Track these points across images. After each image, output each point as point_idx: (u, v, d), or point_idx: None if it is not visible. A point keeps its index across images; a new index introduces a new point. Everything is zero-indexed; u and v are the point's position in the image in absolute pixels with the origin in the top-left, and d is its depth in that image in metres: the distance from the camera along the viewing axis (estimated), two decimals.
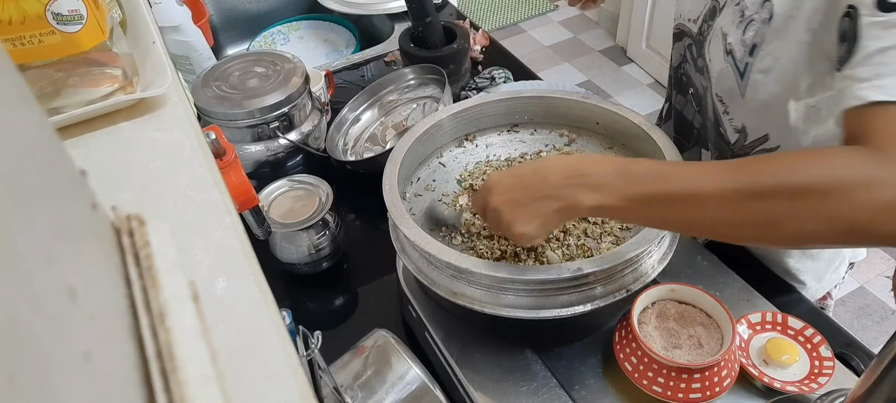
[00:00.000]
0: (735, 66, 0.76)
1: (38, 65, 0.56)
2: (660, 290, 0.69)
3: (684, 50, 0.88)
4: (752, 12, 0.72)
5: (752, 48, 0.73)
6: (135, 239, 0.29)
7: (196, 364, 0.25)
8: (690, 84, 0.89)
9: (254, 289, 0.39)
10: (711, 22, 0.80)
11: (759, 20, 0.71)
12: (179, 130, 0.51)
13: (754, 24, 0.72)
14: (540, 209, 0.59)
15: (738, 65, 0.75)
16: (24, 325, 0.17)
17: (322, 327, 0.61)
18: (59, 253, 0.21)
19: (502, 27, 3.40)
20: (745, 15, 0.73)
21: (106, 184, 0.46)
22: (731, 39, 0.75)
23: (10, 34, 0.54)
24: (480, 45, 1.40)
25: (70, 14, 0.55)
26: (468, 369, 0.69)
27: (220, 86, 1.03)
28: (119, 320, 0.25)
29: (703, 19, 0.82)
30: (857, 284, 2.05)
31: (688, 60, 0.88)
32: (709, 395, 0.63)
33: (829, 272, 0.93)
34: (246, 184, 0.70)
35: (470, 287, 0.65)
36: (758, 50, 0.72)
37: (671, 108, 0.98)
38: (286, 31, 1.56)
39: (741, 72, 0.75)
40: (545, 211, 0.58)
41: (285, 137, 1.04)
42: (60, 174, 0.25)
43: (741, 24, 0.73)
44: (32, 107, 0.23)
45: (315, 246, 0.90)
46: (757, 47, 0.72)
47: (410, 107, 1.16)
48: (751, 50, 0.73)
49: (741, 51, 0.74)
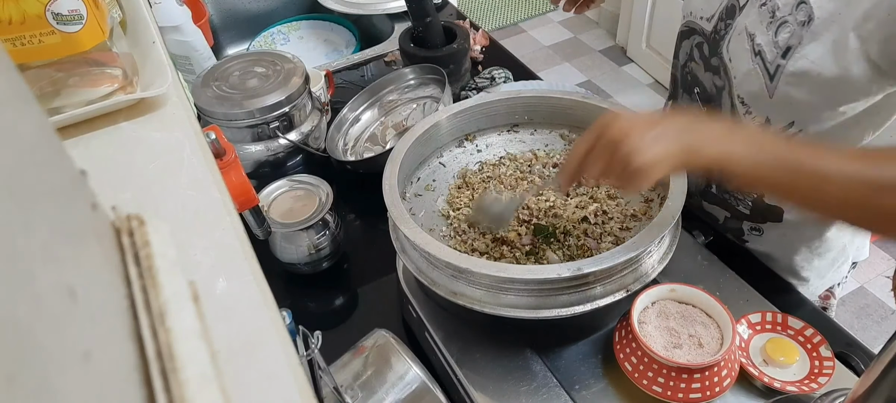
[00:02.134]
0: (765, 68, 0.73)
1: (37, 65, 0.56)
2: (660, 290, 0.69)
3: (692, 48, 0.86)
4: (786, 13, 0.69)
5: (785, 51, 0.70)
6: (135, 239, 0.29)
7: (196, 364, 0.25)
8: (697, 83, 0.87)
9: (254, 289, 0.39)
10: (730, 20, 0.77)
11: (795, 22, 0.69)
12: (179, 130, 0.51)
13: (788, 25, 0.69)
14: (664, 144, 0.57)
15: (769, 66, 0.73)
16: (24, 325, 0.17)
17: (322, 327, 0.61)
18: (59, 253, 0.21)
19: (502, 27, 3.40)
20: (776, 15, 0.70)
21: (106, 184, 0.45)
22: (760, 41, 0.73)
23: (10, 34, 0.54)
24: (480, 45, 1.40)
25: (70, 14, 0.55)
26: (468, 369, 0.69)
27: (220, 86, 1.03)
28: (119, 320, 0.25)
29: (718, 17, 0.80)
30: (857, 284, 2.05)
31: (695, 59, 0.86)
32: (709, 395, 0.63)
33: (832, 270, 0.92)
34: (246, 184, 0.70)
35: (470, 287, 0.65)
36: (792, 53, 0.70)
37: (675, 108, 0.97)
38: (286, 30, 1.56)
39: (771, 75, 0.73)
40: (669, 147, 0.56)
41: (285, 137, 1.04)
42: (60, 174, 0.25)
43: (772, 25, 0.71)
44: (32, 107, 0.23)
45: (315, 246, 0.90)
46: (791, 50, 0.70)
47: (410, 107, 1.16)
48: (784, 52, 0.70)
49: (773, 53, 0.72)
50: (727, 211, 0.92)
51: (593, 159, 0.60)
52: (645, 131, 0.57)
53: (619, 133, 0.57)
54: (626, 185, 0.60)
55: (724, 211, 0.92)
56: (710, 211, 0.95)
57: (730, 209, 0.91)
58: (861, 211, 0.55)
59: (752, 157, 0.56)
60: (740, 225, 0.91)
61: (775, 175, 0.56)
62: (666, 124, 0.58)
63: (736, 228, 0.92)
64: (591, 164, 0.60)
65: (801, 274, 0.90)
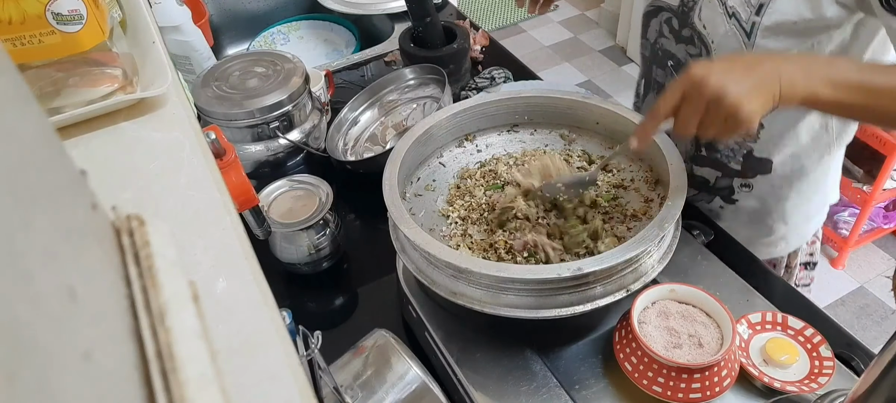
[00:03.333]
0: (740, 27, 0.78)
1: (37, 65, 0.56)
2: (660, 290, 0.69)
3: (661, 25, 0.91)
4: None
5: (758, 8, 0.76)
6: (135, 239, 0.29)
7: (196, 364, 0.25)
8: (669, 56, 0.92)
9: (254, 289, 0.39)
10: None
11: None
12: (179, 130, 0.51)
13: None
14: (762, 93, 0.61)
15: (744, 25, 0.78)
16: (24, 325, 0.17)
17: (322, 327, 0.61)
18: (59, 253, 0.21)
19: (502, 27, 3.40)
20: None
21: (106, 183, 0.45)
22: (732, 3, 0.78)
23: (10, 34, 0.54)
24: (480, 45, 1.40)
25: (70, 14, 0.55)
26: (468, 369, 0.69)
27: (220, 86, 1.03)
28: (119, 320, 0.25)
29: None
30: (857, 284, 2.05)
31: (665, 35, 0.91)
32: (709, 395, 0.63)
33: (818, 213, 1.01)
34: (246, 183, 0.70)
35: (470, 287, 0.65)
36: (765, 8, 0.75)
37: (649, 83, 1.01)
38: (286, 30, 1.56)
39: (748, 32, 0.78)
40: (765, 96, 0.61)
41: (285, 137, 1.04)
42: (60, 174, 0.25)
43: None
44: (32, 107, 0.23)
45: (315, 246, 0.90)
46: (764, 7, 0.75)
47: (410, 107, 1.16)
48: (757, 9, 0.76)
49: (747, 11, 0.77)
50: (718, 170, 0.96)
51: (691, 113, 0.62)
52: (741, 82, 0.60)
53: (716, 87, 0.60)
54: (726, 135, 0.64)
55: (716, 172, 0.97)
56: (700, 174, 0.99)
57: (721, 168, 0.96)
58: None
59: (834, 90, 0.63)
60: (731, 182, 0.96)
61: (857, 100, 0.63)
62: (757, 72, 0.62)
63: (726, 187, 0.97)
64: (688, 118, 0.62)
65: (789, 221, 0.97)
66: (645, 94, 1.04)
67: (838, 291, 2.03)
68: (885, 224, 2.09)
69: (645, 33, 0.97)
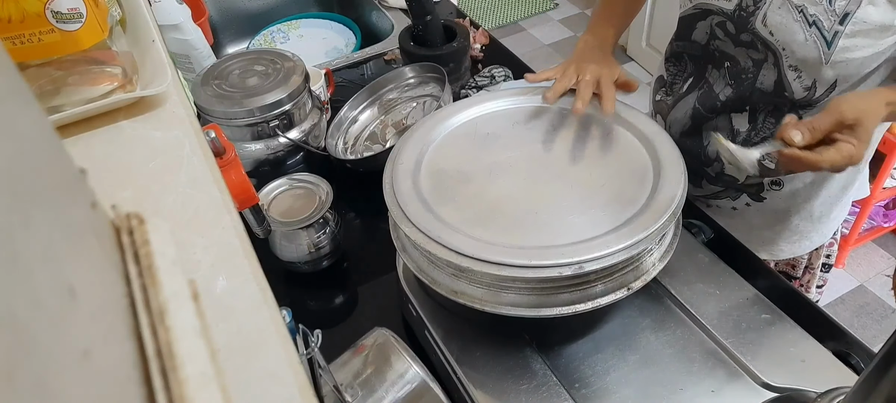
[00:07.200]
0: (821, 36, 0.78)
1: (37, 63, 0.56)
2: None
3: (712, 27, 0.89)
4: None
5: (843, 17, 0.76)
6: (134, 237, 0.29)
7: (196, 363, 0.25)
8: (727, 58, 0.90)
9: (254, 288, 0.38)
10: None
11: None
12: (179, 129, 0.51)
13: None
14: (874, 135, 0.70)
15: (826, 34, 0.77)
16: (24, 324, 0.16)
17: (322, 325, 0.61)
18: (59, 252, 0.21)
19: (502, 25, 3.40)
20: None
21: (105, 182, 0.45)
22: (813, 11, 0.77)
23: (10, 33, 0.54)
24: (480, 44, 1.40)
25: (69, 12, 0.55)
26: (468, 367, 0.69)
27: (219, 85, 1.02)
28: (119, 319, 0.25)
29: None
30: (857, 283, 2.05)
31: (719, 37, 0.89)
32: None
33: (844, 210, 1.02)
34: (246, 182, 0.70)
35: (470, 285, 0.65)
36: (850, 18, 0.75)
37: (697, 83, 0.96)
38: (286, 29, 1.56)
39: (828, 42, 0.78)
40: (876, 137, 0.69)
41: (285, 136, 1.04)
42: (60, 172, 0.25)
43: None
44: (32, 105, 0.23)
45: (315, 245, 0.90)
46: (849, 16, 0.75)
47: (410, 105, 1.16)
48: (842, 18, 0.76)
49: (830, 20, 0.76)
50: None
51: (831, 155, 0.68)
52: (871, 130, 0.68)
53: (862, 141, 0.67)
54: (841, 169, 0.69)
55: None
56: (730, 173, 0.98)
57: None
58: None
59: None
60: (761, 180, 0.96)
61: None
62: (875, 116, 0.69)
63: (755, 185, 0.97)
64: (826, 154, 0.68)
65: (814, 219, 0.97)
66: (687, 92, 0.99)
67: (838, 290, 2.03)
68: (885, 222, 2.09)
69: (686, 35, 0.94)
